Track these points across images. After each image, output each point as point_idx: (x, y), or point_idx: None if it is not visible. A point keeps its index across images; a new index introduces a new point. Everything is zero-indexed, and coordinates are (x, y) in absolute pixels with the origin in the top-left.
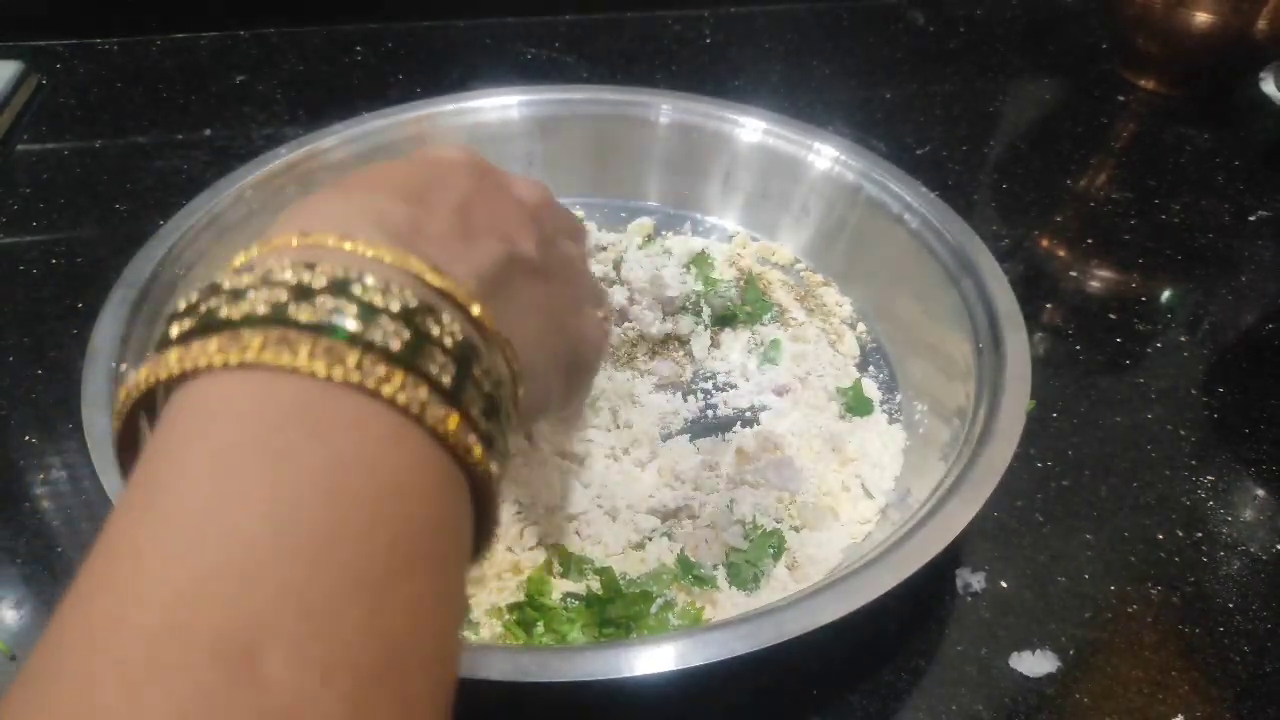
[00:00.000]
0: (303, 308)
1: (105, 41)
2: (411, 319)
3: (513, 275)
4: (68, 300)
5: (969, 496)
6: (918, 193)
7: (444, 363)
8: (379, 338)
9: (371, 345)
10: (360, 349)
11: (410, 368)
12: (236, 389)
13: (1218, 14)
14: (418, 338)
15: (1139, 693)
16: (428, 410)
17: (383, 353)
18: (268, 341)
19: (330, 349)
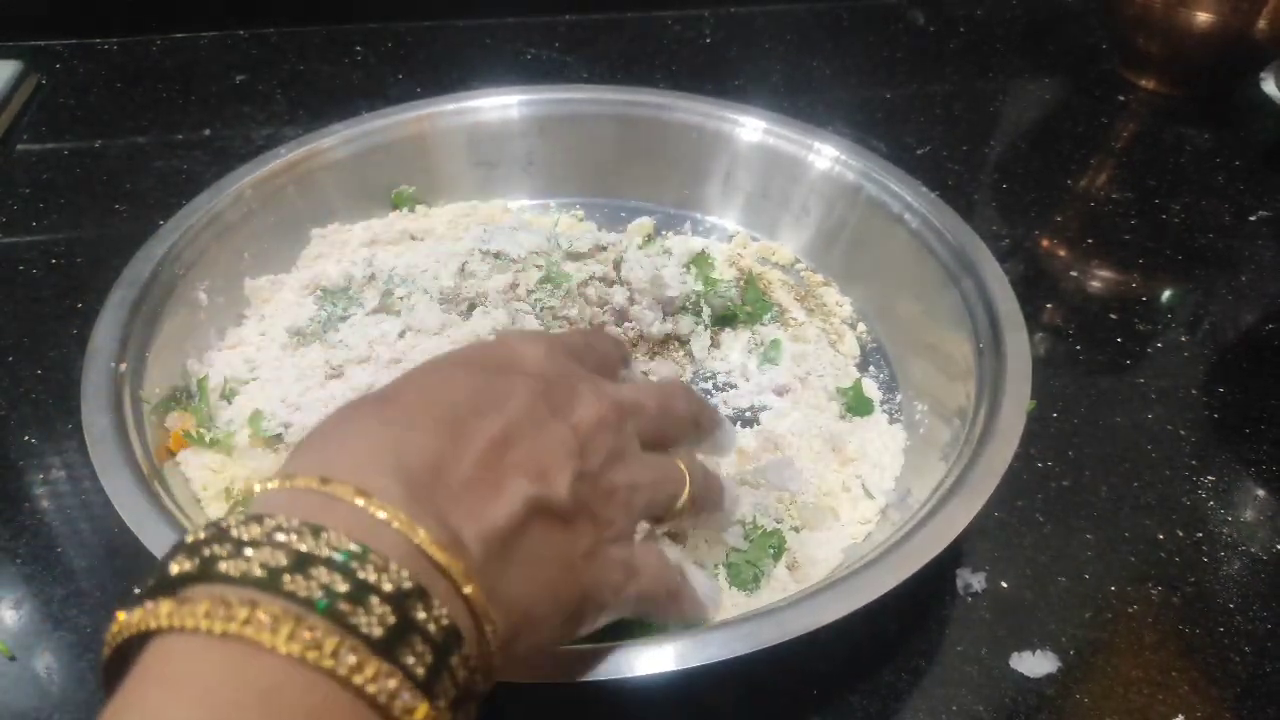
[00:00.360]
0: (297, 580)
1: (105, 41)
2: (401, 603)
3: (530, 525)
4: (68, 300)
5: (969, 497)
6: (918, 193)
7: (422, 651)
8: (363, 624)
9: (354, 630)
10: (340, 633)
11: (387, 656)
12: (214, 657)
13: (1218, 14)
14: (402, 623)
15: (1139, 693)
16: (395, 701)
17: (364, 639)
18: (252, 616)
19: (311, 632)
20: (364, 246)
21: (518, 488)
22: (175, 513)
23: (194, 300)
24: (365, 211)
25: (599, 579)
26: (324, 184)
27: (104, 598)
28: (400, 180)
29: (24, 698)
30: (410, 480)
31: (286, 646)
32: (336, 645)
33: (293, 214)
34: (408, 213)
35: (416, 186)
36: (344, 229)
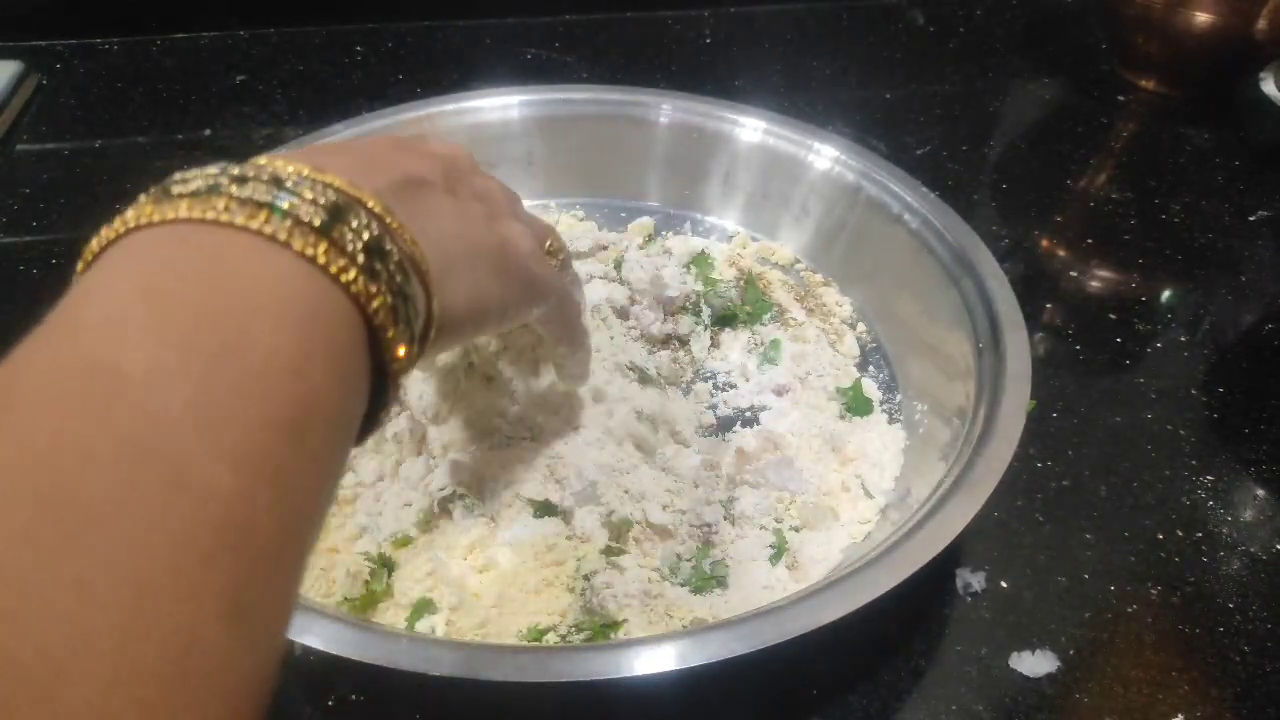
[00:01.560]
0: (242, 188)
1: (105, 41)
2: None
3: (416, 189)
4: None
5: (969, 496)
6: (918, 193)
7: (314, 211)
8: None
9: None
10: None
11: (275, 210)
12: (161, 238)
13: (1218, 14)
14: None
15: (1139, 693)
16: (293, 237)
17: (252, 202)
18: (193, 204)
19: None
20: None
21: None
22: None
23: None
24: None
25: (509, 237)
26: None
27: None
28: None
29: None
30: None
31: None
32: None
33: None
34: None
35: None
36: None
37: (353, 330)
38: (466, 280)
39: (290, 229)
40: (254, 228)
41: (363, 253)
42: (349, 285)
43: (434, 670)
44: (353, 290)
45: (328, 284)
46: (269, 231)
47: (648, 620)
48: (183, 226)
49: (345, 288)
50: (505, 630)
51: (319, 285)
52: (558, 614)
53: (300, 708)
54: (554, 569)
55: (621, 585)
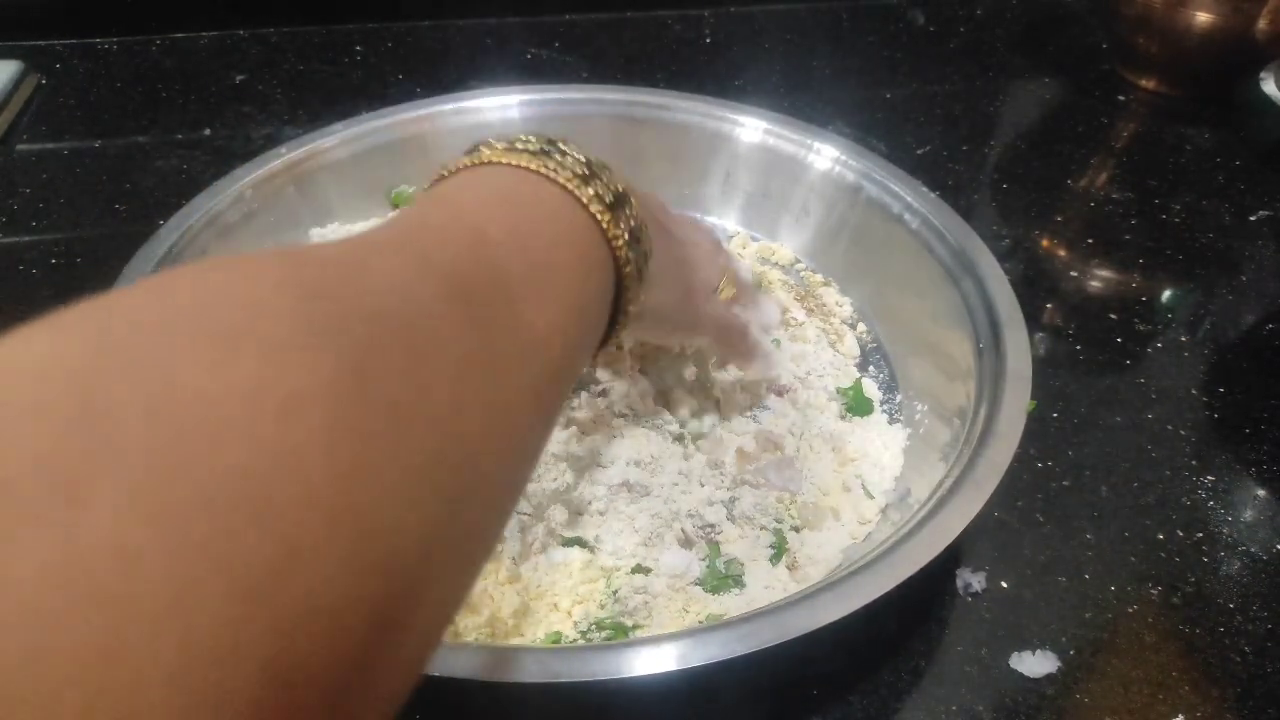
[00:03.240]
0: (529, 145)
1: (105, 41)
2: (590, 167)
3: (656, 220)
4: (68, 300)
5: (969, 497)
6: (918, 193)
7: (605, 192)
8: (571, 165)
9: (565, 166)
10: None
11: (586, 182)
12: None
13: (1218, 14)
14: (593, 174)
15: (1139, 693)
16: (592, 204)
17: (571, 171)
18: (508, 153)
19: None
20: None
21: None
22: None
23: None
24: (365, 211)
25: (699, 279)
26: (324, 184)
27: None
28: (400, 180)
29: None
30: None
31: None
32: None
33: (293, 214)
34: None
35: (416, 186)
36: (344, 229)
37: (609, 273)
38: (660, 290)
39: (592, 197)
40: (570, 189)
41: (628, 233)
42: (617, 250)
43: (433, 671)
44: (618, 254)
45: (605, 244)
46: (578, 194)
47: (671, 618)
48: (522, 172)
49: (614, 251)
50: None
51: (600, 239)
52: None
53: None
54: (588, 586)
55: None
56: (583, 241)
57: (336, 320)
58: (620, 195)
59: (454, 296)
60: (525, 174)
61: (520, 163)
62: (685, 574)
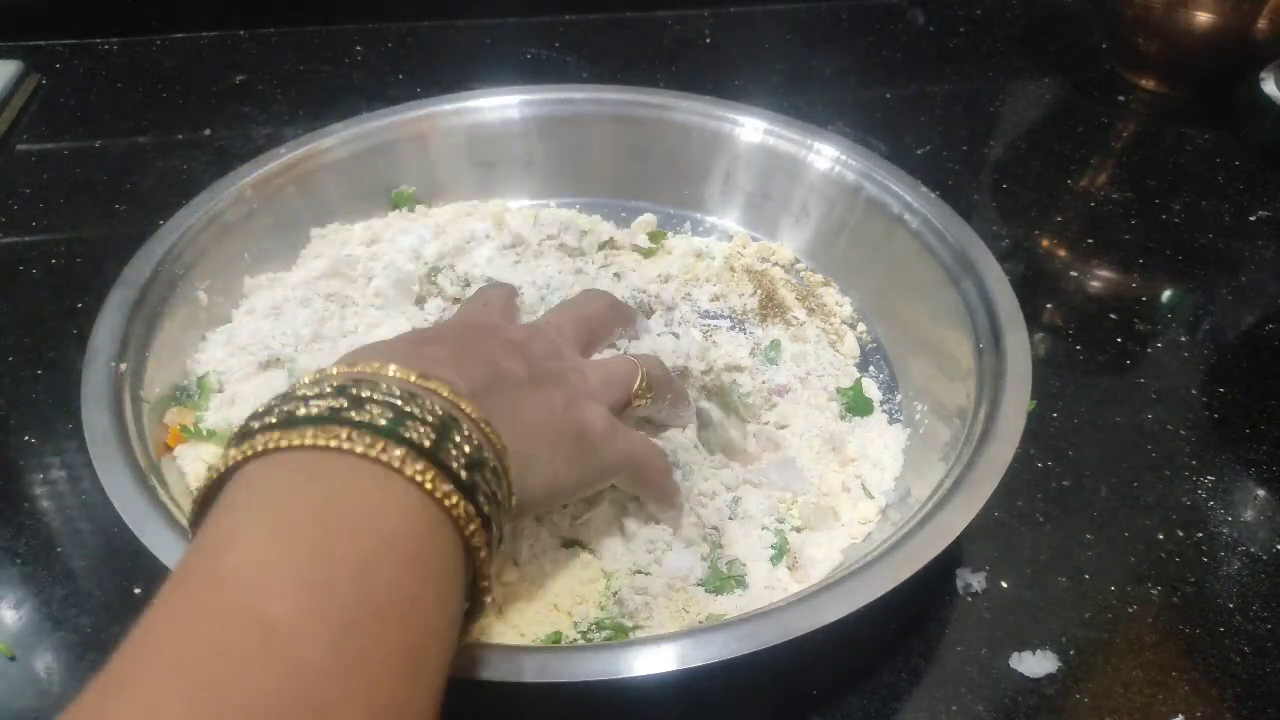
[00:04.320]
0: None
1: (105, 41)
2: (396, 405)
3: (504, 386)
4: (68, 300)
5: (969, 497)
6: (918, 193)
7: (424, 431)
8: (368, 419)
9: (364, 424)
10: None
11: (392, 436)
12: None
13: (1218, 14)
14: (400, 416)
15: (1139, 693)
16: (406, 465)
17: (370, 428)
18: (284, 434)
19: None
20: (364, 246)
21: (482, 366)
22: (170, 507)
23: (194, 300)
24: (365, 211)
25: (585, 420)
26: (324, 184)
27: (104, 598)
28: (400, 180)
29: (24, 698)
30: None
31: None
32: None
33: (293, 214)
34: (408, 212)
35: (416, 186)
36: (344, 229)
37: (455, 550)
38: (545, 470)
39: (403, 456)
40: (372, 455)
41: (464, 469)
42: (452, 509)
43: None
44: (454, 513)
45: (435, 509)
46: (385, 459)
47: (671, 619)
48: (307, 454)
49: (448, 510)
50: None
51: (429, 511)
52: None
53: None
54: (587, 586)
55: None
56: (414, 542)
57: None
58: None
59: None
60: (319, 458)
61: (308, 440)
62: (688, 575)
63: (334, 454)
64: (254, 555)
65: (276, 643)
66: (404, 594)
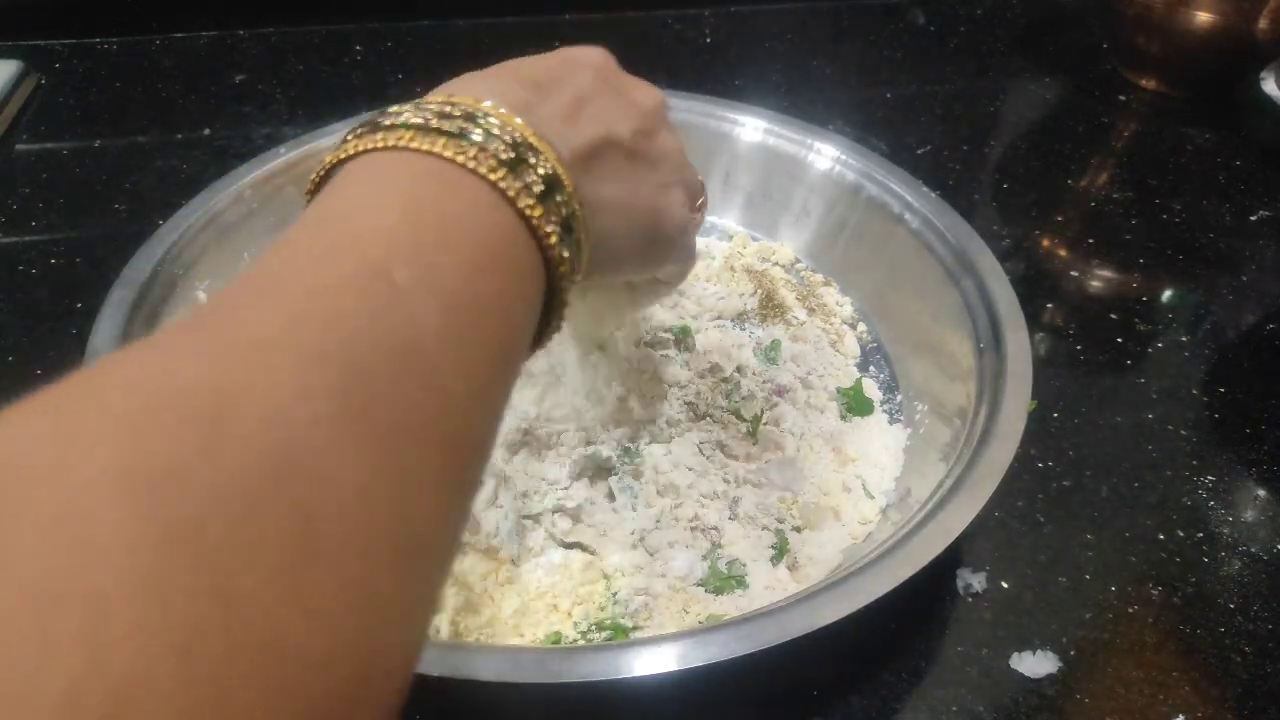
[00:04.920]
0: (444, 122)
1: (105, 41)
2: (517, 147)
3: (604, 153)
4: (67, 300)
5: (970, 497)
6: (918, 192)
7: (534, 180)
8: (494, 148)
9: (487, 150)
10: (478, 149)
11: (513, 170)
12: (392, 161)
13: (1218, 14)
14: (519, 158)
15: (1140, 693)
16: (520, 198)
17: (494, 157)
18: (416, 135)
19: (459, 145)
20: None
21: (593, 126)
22: None
23: (194, 300)
24: None
25: (664, 209)
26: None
27: None
28: None
29: None
30: (513, 104)
31: (444, 150)
32: (477, 153)
33: (292, 214)
34: None
35: None
36: None
37: (532, 255)
38: (617, 244)
39: (518, 189)
40: (495, 180)
41: (540, 185)
42: (528, 215)
43: (432, 670)
44: (532, 220)
45: (513, 212)
46: (502, 187)
47: (671, 619)
48: (430, 160)
49: (525, 216)
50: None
51: (505, 212)
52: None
53: None
54: (588, 587)
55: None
56: (511, 253)
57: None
58: (551, 179)
59: (350, 414)
60: (437, 164)
61: (432, 147)
62: (688, 575)
63: (459, 169)
64: (385, 220)
65: (400, 301)
66: (502, 303)
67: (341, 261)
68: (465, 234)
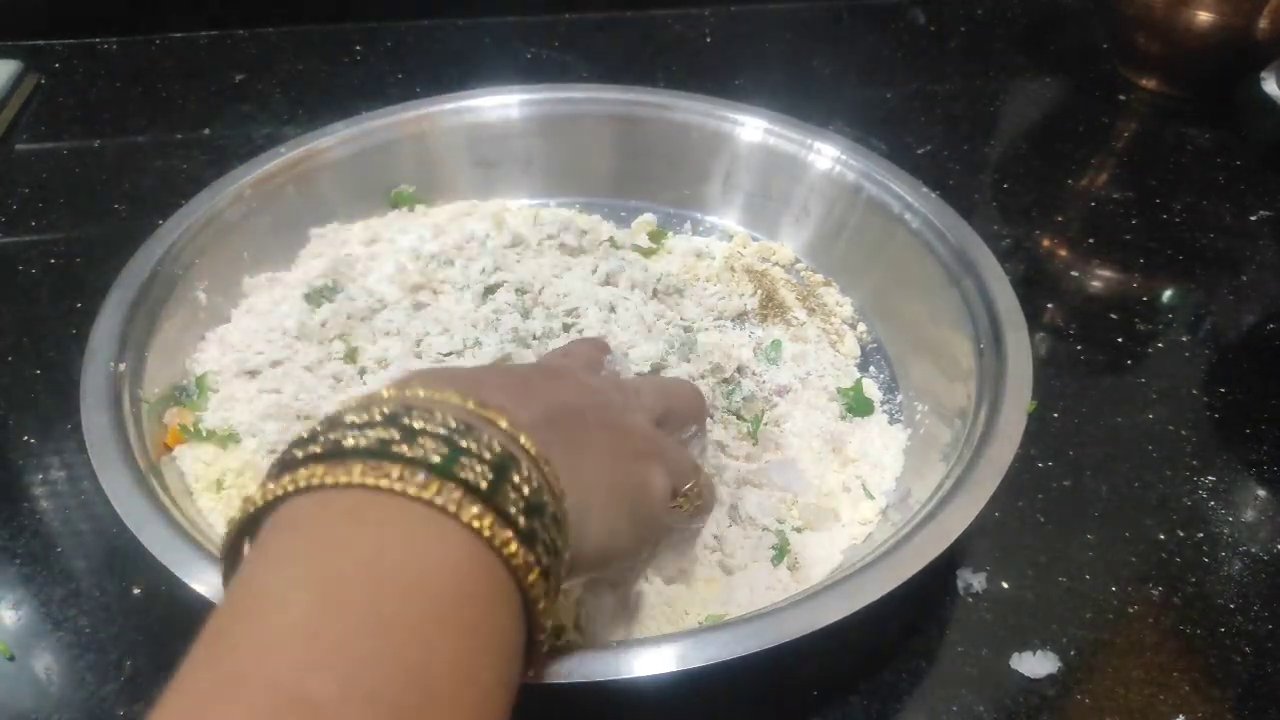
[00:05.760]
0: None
1: (105, 41)
2: (451, 439)
3: (566, 424)
4: (67, 300)
5: (970, 497)
6: (918, 193)
7: (481, 470)
8: (421, 455)
9: (416, 461)
10: (405, 465)
11: (448, 475)
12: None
13: (1218, 14)
14: (455, 451)
15: (1139, 693)
16: (462, 509)
17: (423, 465)
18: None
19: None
20: (363, 246)
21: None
22: (170, 508)
23: (193, 300)
24: (365, 211)
25: (651, 478)
26: (323, 184)
27: (103, 598)
28: (400, 180)
29: (24, 698)
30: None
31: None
32: (401, 471)
33: (292, 214)
34: (407, 213)
35: (416, 186)
36: (343, 229)
37: (513, 606)
38: (602, 522)
39: (460, 500)
40: (426, 498)
41: (523, 515)
42: (510, 558)
43: None
44: (513, 563)
45: (492, 559)
46: (439, 503)
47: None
48: (354, 493)
49: (507, 560)
50: None
51: (486, 562)
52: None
53: None
54: None
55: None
56: (472, 605)
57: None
58: (533, 501)
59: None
60: (368, 499)
61: (356, 478)
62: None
63: (384, 495)
64: (297, 619)
65: None
66: (461, 671)
67: (257, 696)
68: (417, 598)
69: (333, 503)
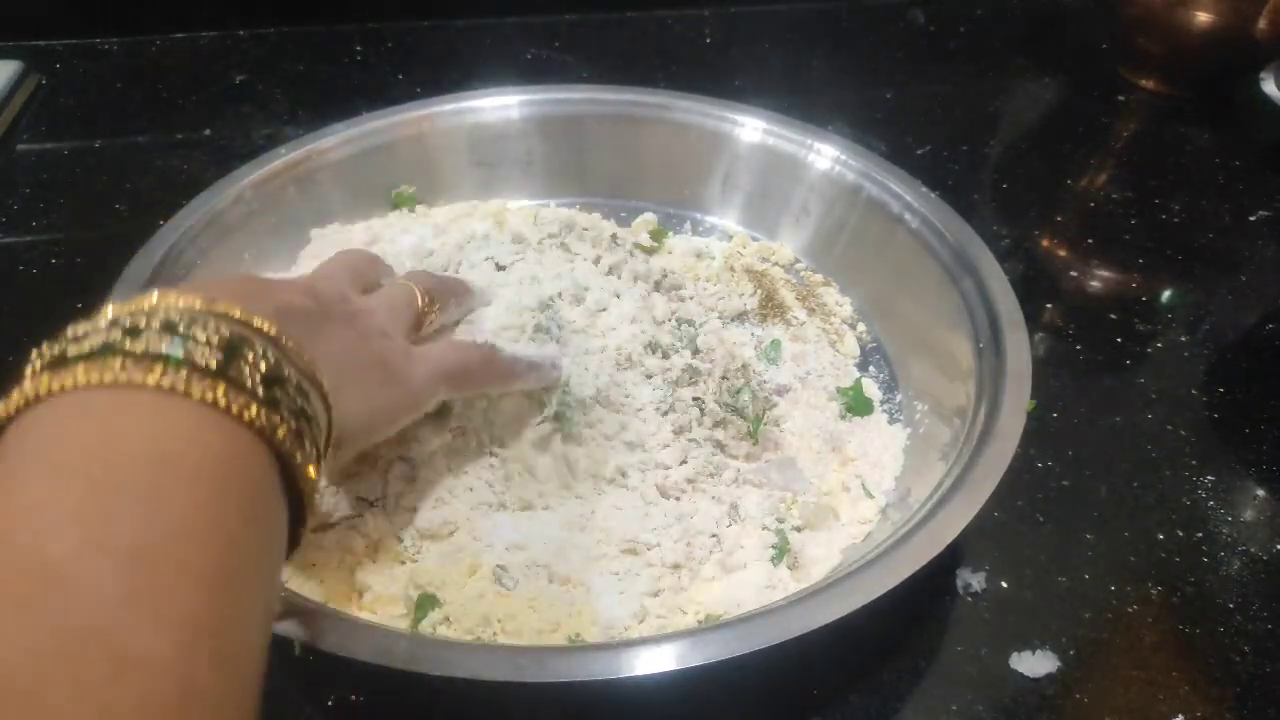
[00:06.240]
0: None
1: (105, 41)
2: (176, 329)
3: (300, 314)
4: (68, 300)
5: (969, 496)
6: (918, 193)
7: (209, 353)
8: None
9: (145, 354)
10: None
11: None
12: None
13: (1218, 14)
14: (179, 339)
15: (1139, 693)
16: (192, 386)
17: (148, 357)
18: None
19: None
20: (364, 246)
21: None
22: None
23: None
24: (365, 212)
25: (382, 352)
26: (324, 184)
27: None
28: (400, 180)
29: None
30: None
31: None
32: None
33: (293, 214)
34: (408, 213)
35: (416, 186)
36: (344, 229)
37: (262, 464)
38: (358, 393)
39: (188, 378)
40: (151, 383)
41: (262, 384)
42: (252, 422)
43: (433, 670)
44: (256, 425)
45: (231, 424)
46: (167, 385)
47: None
48: (82, 393)
49: (249, 424)
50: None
51: (224, 428)
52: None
53: (300, 708)
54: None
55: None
56: (211, 461)
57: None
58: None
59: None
60: (93, 395)
61: (81, 378)
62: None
63: (109, 389)
64: (30, 497)
65: (60, 579)
66: (202, 515)
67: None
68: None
69: (60, 405)
